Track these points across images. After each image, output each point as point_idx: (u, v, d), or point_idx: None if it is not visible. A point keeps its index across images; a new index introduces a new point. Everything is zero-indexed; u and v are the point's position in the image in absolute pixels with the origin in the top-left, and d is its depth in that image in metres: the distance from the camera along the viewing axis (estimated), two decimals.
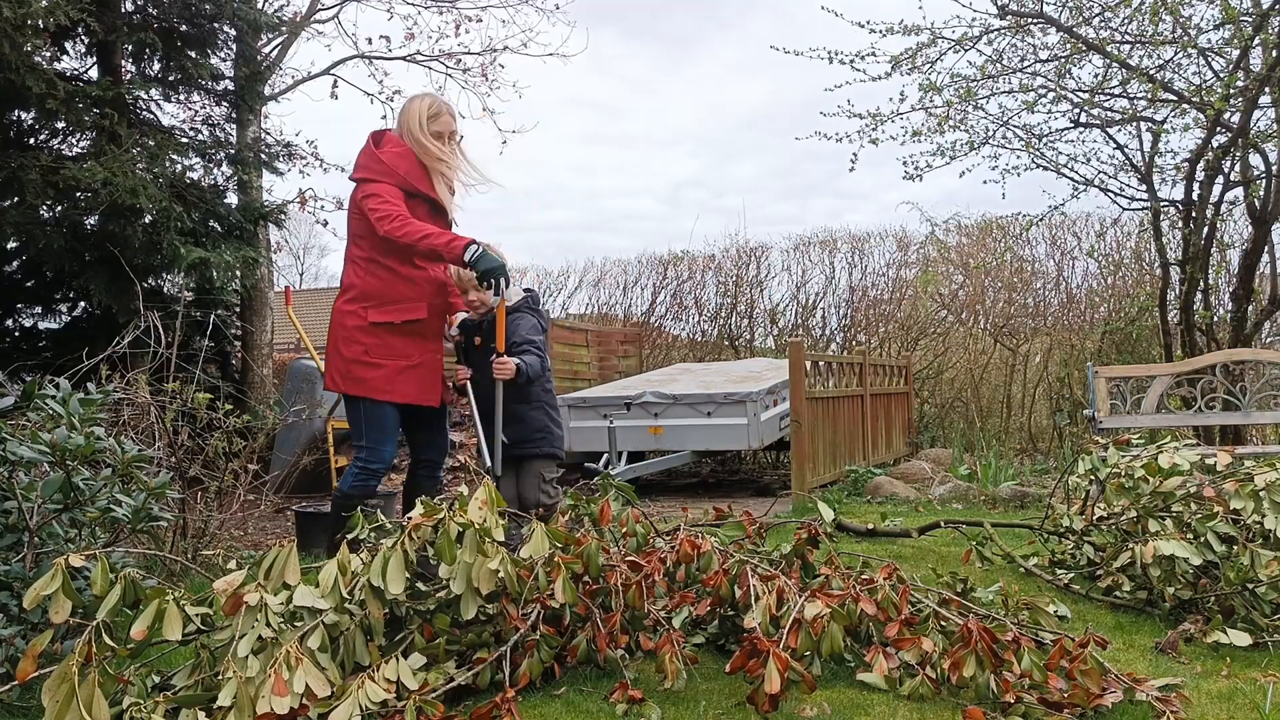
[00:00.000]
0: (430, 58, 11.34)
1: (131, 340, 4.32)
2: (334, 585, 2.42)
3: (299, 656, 2.20)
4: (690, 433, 7.57)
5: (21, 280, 8.07)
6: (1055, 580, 3.72)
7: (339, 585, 2.43)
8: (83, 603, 2.17)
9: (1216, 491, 3.28)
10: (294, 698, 2.13)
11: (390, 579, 2.41)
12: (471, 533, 2.49)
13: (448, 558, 2.48)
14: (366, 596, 2.45)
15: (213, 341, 7.49)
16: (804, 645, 2.48)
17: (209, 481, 4.39)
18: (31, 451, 2.57)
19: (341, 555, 2.51)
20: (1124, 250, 10.36)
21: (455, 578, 2.49)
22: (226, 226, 7.84)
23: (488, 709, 2.32)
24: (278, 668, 2.16)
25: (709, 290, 12.13)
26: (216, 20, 7.93)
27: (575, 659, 2.68)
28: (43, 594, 2.14)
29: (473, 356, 3.76)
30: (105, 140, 6.98)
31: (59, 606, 2.15)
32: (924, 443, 9.84)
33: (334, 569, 2.45)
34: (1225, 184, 6.85)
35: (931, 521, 4.90)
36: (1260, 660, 2.80)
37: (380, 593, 2.43)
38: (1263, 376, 5.44)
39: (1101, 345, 9.57)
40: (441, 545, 2.48)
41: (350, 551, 2.58)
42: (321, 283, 40.12)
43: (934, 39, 6.64)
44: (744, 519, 3.28)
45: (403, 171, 3.61)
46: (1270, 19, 5.86)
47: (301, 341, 7.75)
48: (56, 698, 2.01)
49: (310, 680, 2.17)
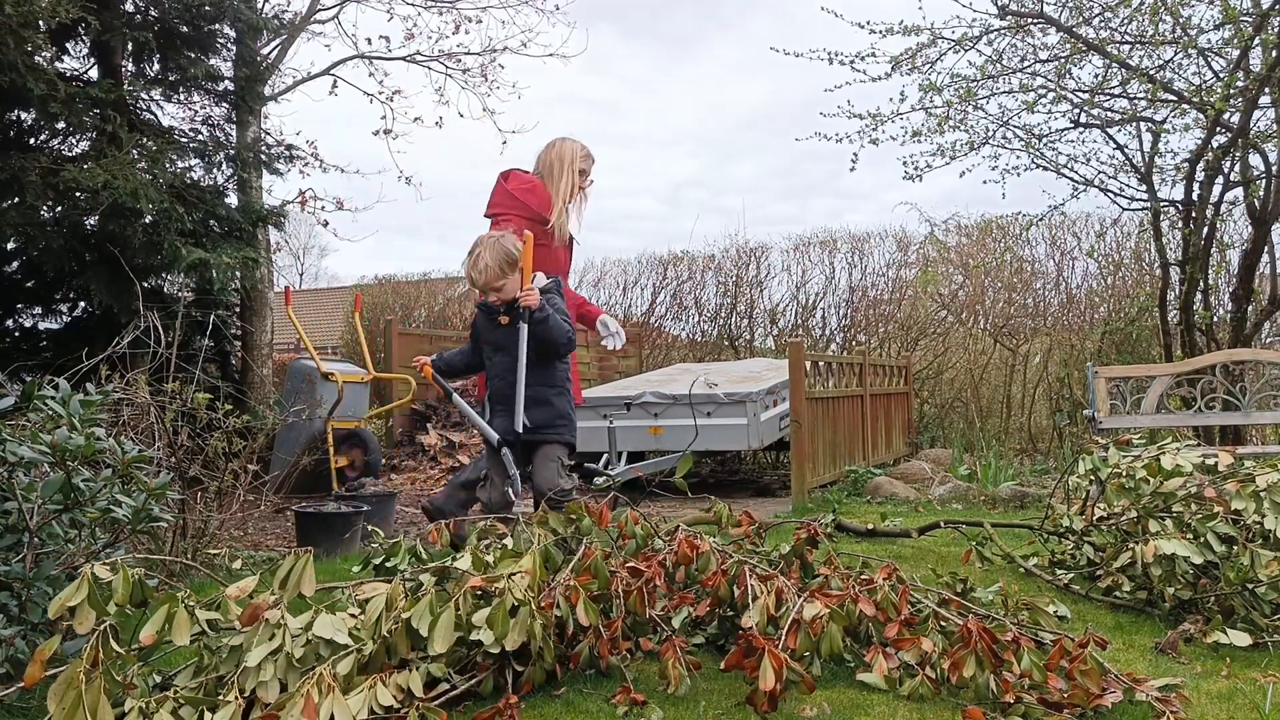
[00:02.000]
0: (430, 58, 11.35)
1: (131, 340, 4.32)
2: (377, 620, 2.39)
3: (331, 684, 2.18)
4: (690, 433, 7.57)
5: (21, 280, 8.07)
6: (1055, 580, 3.72)
7: (381, 622, 2.39)
8: (105, 610, 2.17)
9: (1218, 492, 3.28)
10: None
11: (437, 637, 2.37)
12: (525, 610, 2.45)
13: (499, 631, 2.43)
14: (398, 632, 2.40)
15: (213, 341, 7.49)
16: (803, 645, 2.48)
17: (209, 481, 4.39)
18: (32, 452, 2.57)
19: (393, 591, 2.46)
20: (1124, 250, 10.36)
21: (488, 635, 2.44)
22: (226, 227, 7.84)
23: (490, 714, 2.31)
24: (310, 689, 2.14)
25: (709, 290, 12.15)
26: (216, 21, 7.93)
27: (578, 665, 2.68)
28: (68, 604, 2.14)
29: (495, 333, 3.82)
30: (106, 142, 6.98)
31: (84, 617, 2.14)
32: (924, 443, 9.84)
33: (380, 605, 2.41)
34: (1225, 184, 6.85)
35: (931, 522, 4.90)
36: (1260, 660, 2.80)
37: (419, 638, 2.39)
38: (1263, 376, 5.43)
39: (1101, 345, 9.57)
40: (495, 616, 2.44)
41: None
42: (321, 283, 40.16)
43: (934, 39, 6.64)
44: (743, 519, 3.28)
45: (534, 206, 4.27)
46: (1270, 19, 5.86)
47: (301, 341, 7.75)
48: (64, 704, 2.01)
49: (338, 711, 2.14)
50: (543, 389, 3.77)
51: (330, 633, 2.34)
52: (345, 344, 13.39)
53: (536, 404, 3.75)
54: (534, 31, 22.45)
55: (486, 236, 3.81)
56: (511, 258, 3.73)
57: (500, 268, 3.70)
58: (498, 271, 3.70)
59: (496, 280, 3.71)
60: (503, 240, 3.76)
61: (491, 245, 3.73)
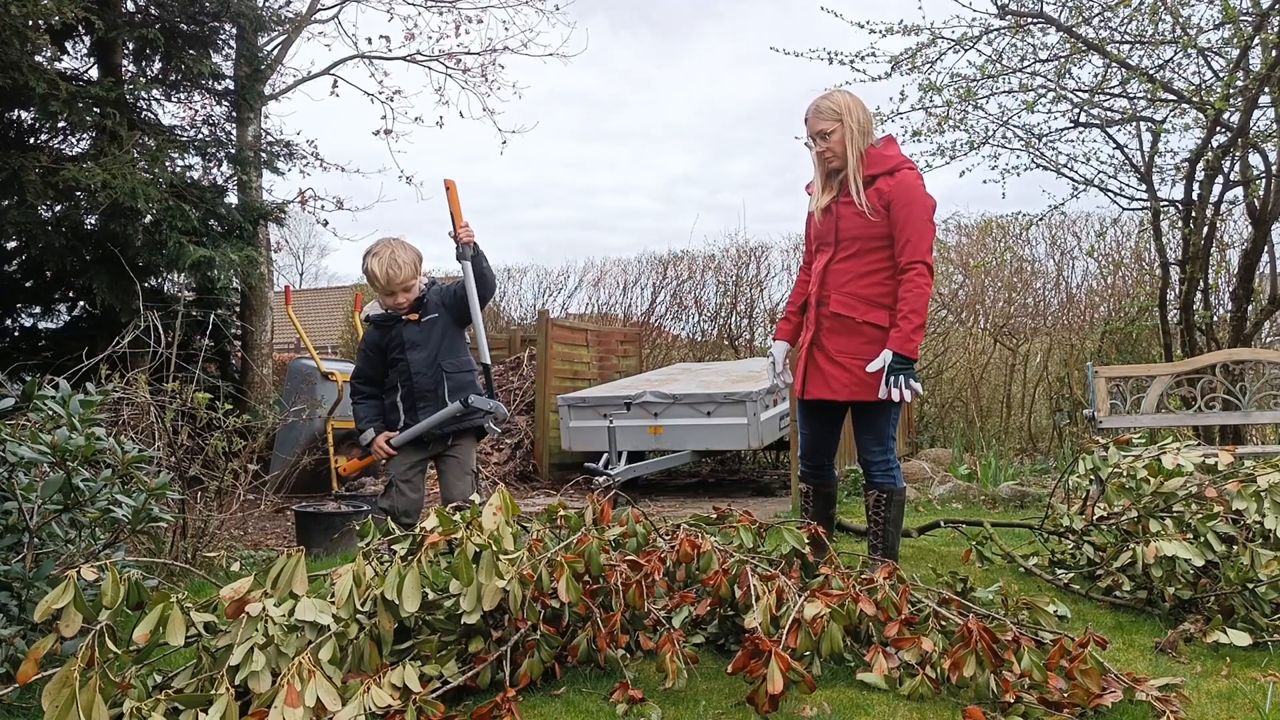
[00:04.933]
0: (430, 58, 11.36)
1: (131, 340, 4.32)
2: (349, 597, 2.41)
3: (312, 669, 2.20)
4: (690, 433, 7.57)
5: (21, 280, 8.08)
6: (1055, 580, 3.72)
7: (354, 598, 2.42)
8: (91, 612, 2.17)
9: (1218, 491, 3.28)
10: (306, 712, 2.12)
11: (406, 596, 2.40)
12: (488, 554, 2.48)
13: (464, 579, 2.46)
14: (379, 610, 2.43)
15: (213, 341, 7.49)
16: (804, 645, 2.48)
17: (209, 481, 4.39)
18: (31, 452, 2.57)
19: (357, 567, 2.49)
20: (1124, 250, 10.35)
21: (466, 595, 2.48)
22: (226, 226, 7.85)
23: (488, 709, 2.32)
24: (291, 679, 2.15)
25: (709, 290, 12.13)
26: (218, 18, 7.94)
27: (576, 659, 2.68)
28: (54, 606, 2.14)
29: (405, 335, 3.82)
30: (106, 141, 6.99)
31: (70, 620, 2.14)
32: (924, 443, 9.84)
33: (349, 582, 2.44)
34: (1225, 184, 6.85)
35: (931, 521, 4.90)
36: (1260, 660, 2.80)
37: (394, 607, 2.42)
38: (1263, 376, 5.43)
39: (1101, 345, 9.56)
40: (458, 565, 2.47)
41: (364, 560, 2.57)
42: (321, 283, 40.16)
43: (934, 39, 6.63)
44: (742, 519, 3.28)
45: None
46: (1270, 19, 5.86)
47: (301, 341, 7.75)
48: (57, 703, 2.01)
49: (322, 694, 2.16)
50: (465, 375, 3.85)
51: (313, 615, 2.35)
52: (345, 344, 13.39)
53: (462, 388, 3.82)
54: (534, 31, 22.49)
55: (387, 239, 3.80)
56: (420, 256, 3.81)
57: (415, 264, 3.76)
58: (413, 269, 3.75)
59: (412, 278, 3.76)
60: (406, 241, 3.81)
61: (401, 245, 3.76)
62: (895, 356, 3.33)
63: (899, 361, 3.33)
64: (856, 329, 3.46)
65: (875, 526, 3.57)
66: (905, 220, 3.39)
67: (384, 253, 3.71)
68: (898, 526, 3.59)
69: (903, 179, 3.44)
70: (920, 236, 3.38)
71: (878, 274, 3.46)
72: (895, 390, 3.33)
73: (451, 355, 3.84)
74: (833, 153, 3.50)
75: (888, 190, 3.43)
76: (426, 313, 3.82)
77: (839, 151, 3.49)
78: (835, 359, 3.50)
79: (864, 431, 3.59)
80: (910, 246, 3.37)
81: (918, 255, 3.37)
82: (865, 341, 3.46)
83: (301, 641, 2.32)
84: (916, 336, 3.34)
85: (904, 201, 3.40)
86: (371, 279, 3.76)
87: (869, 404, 3.48)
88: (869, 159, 3.49)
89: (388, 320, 3.85)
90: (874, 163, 3.48)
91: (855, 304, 3.47)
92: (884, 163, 3.48)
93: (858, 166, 3.47)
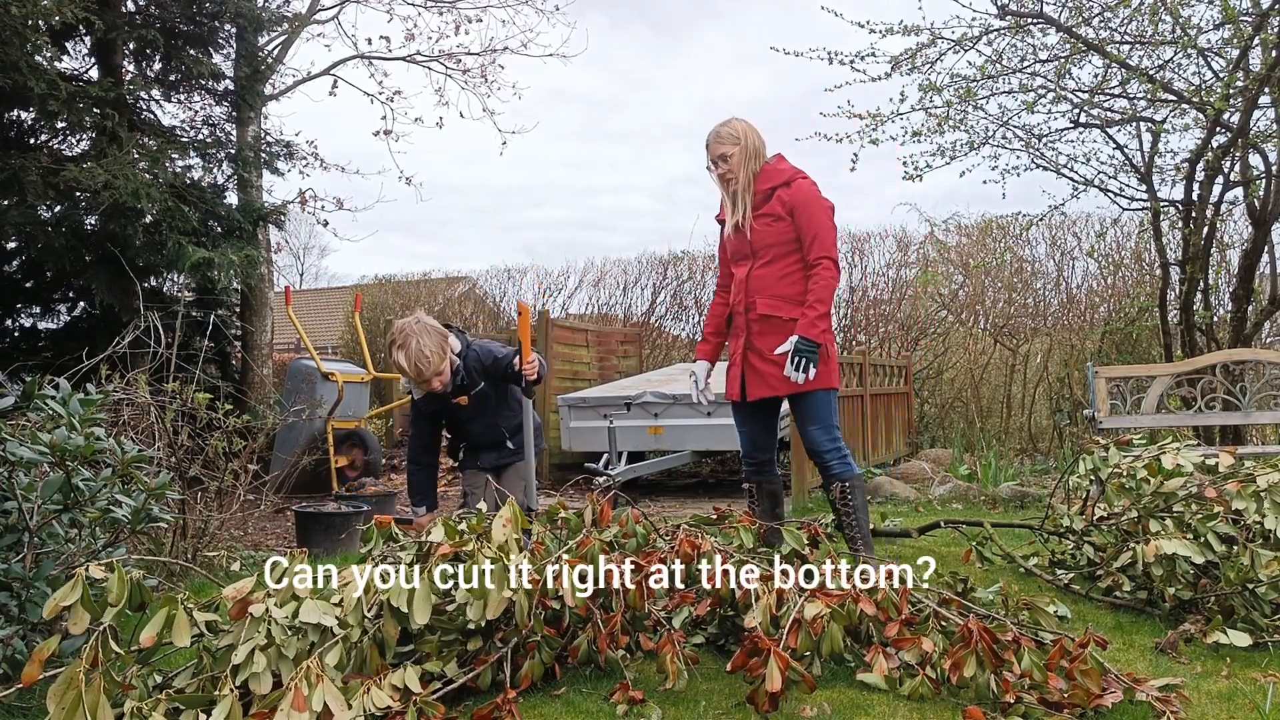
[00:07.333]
0: (430, 58, 11.35)
1: (131, 340, 4.32)
2: (356, 605, 2.40)
3: (319, 675, 2.19)
4: (690, 433, 7.57)
5: (21, 280, 8.08)
6: (1055, 580, 3.72)
7: (361, 606, 2.41)
8: (98, 611, 2.17)
9: (1218, 492, 3.28)
10: (311, 716, 2.12)
11: (416, 609, 2.40)
12: (499, 567, 2.46)
13: (476, 594, 2.44)
14: (385, 615, 2.43)
15: (213, 341, 7.49)
16: (804, 645, 2.48)
17: (209, 481, 4.39)
18: (31, 452, 2.57)
19: (370, 576, 2.48)
20: (1124, 250, 10.35)
21: (473, 605, 2.47)
22: (226, 226, 7.84)
23: (488, 710, 2.32)
24: (298, 683, 2.15)
25: (709, 290, 12.12)
26: (217, 18, 7.94)
27: (576, 659, 2.68)
28: (62, 605, 2.14)
29: (459, 413, 3.91)
30: (106, 141, 6.99)
31: (78, 619, 2.14)
32: (924, 443, 9.84)
33: (357, 589, 2.43)
34: (1225, 184, 6.85)
35: (931, 521, 4.90)
36: (1260, 660, 2.81)
37: (402, 616, 2.41)
38: (1263, 376, 5.43)
39: (1101, 345, 9.56)
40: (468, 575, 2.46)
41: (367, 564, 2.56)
42: (321, 283, 40.12)
43: (934, 39, 6.63)
44: (743, 520, 3.27)
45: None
46: (1270, 19, 5.86)
47: (301, 341, 7.75)
48: (63, 704, 2.01)
49: (329, 699, 2.15)
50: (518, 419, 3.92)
51: (317, 617, 2.35)
52: (345, 344, 13.39)
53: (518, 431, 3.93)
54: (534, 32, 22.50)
55: (409, 323, 3.68)
56: (444, 335, 3.71)
57: (441, 350, 3.65)
58: (440, 354, 3.64)
59: (441, 362, 3.66)
60: (427, 322, 3.69)
61: (424, 330, 3.64)
62: (800, 340, 3.56)
63: (804, 344, 3.56)
64: (784, 326, 3.67)
65: (847, 518, 3.70)
66: (807, 222, 3.66)
67: (410, 344, 3.60)
68: (866, 512, 3.76)
69: (799, 187, 3.70)
70: (824, 234, 3.65)
71: (793, 275, 3.71)
72: (800, 374, 3.56)
73: (505, 409, 3.92)
74: (732, 174, 3.77)
75: (788, 199, 3.69)
76: (472, 387, 3.83)
77: (737, 173, 3.77)
78: (769, 358, 3.70)
79: (809, 423, 3.76)
80: (817, 243, 3.64)
81: (824, 251, 3.63)
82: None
83: (304, 643, 2.31)
84: (821, 323, 3.59)
85: (804, 205, 3.67)
86: (401, 372, 3.71)
87: (807, 394, 3.69)
88: (765, 174, 3.76)
89: (435, 399, 3.84)
90: (770, 177, 3.75)
91: (779, 304, 3.70)
92: (779, 175, 3.74)
93: (748, 184, 3.76)
